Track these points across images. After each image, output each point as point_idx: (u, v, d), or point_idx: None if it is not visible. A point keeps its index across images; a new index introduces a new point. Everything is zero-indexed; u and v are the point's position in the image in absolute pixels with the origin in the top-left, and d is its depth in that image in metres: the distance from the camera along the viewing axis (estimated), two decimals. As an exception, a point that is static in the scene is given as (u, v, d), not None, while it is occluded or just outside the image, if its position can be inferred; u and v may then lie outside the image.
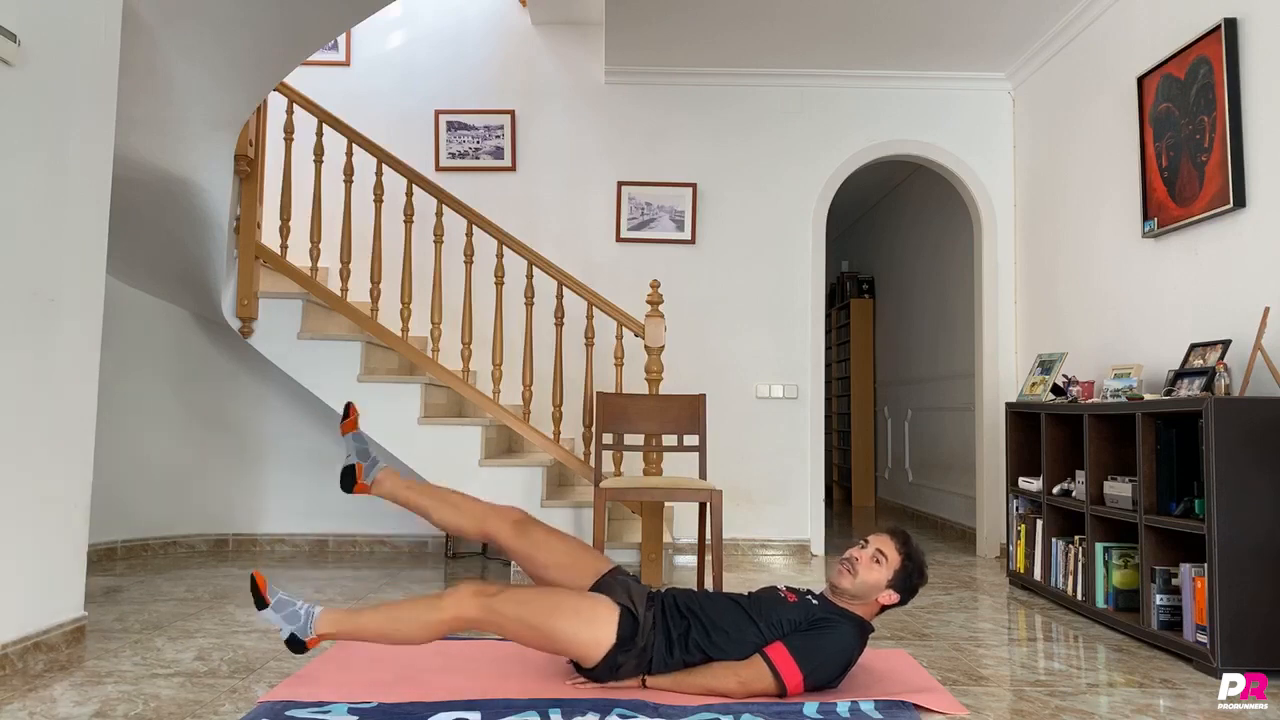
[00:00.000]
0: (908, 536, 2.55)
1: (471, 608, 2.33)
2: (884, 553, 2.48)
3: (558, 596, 2.41)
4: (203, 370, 4.86)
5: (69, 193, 2.76)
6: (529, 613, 2.33)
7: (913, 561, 2.49)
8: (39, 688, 2.41)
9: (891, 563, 2.48)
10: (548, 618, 2.33)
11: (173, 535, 4.77)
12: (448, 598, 2.37)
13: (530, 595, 2.40)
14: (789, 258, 5.33)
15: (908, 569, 2.48)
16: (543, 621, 2.33)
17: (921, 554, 2.53)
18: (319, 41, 3.68)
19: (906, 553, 2.50)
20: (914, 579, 2.49)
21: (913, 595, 2.52)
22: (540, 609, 2.35)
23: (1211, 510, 2.73)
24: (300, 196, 4.67)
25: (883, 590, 2.47)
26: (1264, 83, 3.21)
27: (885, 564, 2.47)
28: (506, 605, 2.34)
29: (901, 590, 2.48)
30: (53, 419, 2.71)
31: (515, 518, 2.70)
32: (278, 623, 2.38)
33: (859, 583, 2.46)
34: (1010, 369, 5.17)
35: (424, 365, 4.43)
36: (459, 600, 2.35)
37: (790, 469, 5.24)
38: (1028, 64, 5.03)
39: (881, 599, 2.47)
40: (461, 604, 2.34)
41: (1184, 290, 3.62)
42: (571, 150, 5.41)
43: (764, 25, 4.76)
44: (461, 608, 2.34)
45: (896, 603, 2.49)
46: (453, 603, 2.35)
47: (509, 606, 2.34)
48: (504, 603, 2.34)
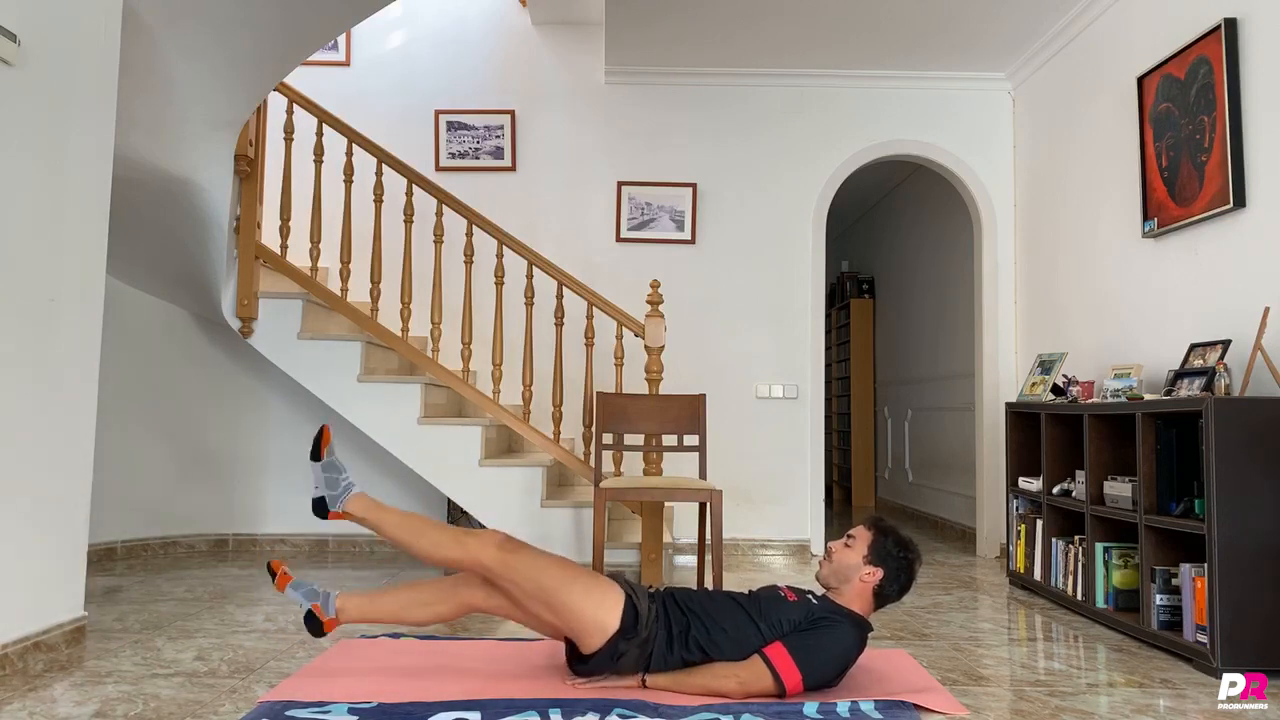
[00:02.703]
0: (880, 518, 2.58)
1: (491, 556, 2.37)
2: (854, 535, 2.53)
3: (574, 570, 2.43)
4: (203, 370, 4.86)
5: (69, 193, 2.76)
6: (545, 577, 2.36)
7: (885, 533, 2.50)
8: (39, 688, 2.41)
9: (863, 539, 2.50)
10: (560, 586, 2.35)
11: (173, 535, 4.77)
12: (473, 539, 2.42)
13: (548, 563, 2.42)
14: (789, 258, 5.33)
15: (880, 540, 2.49)
16: (555, 589, 2.35)
17: (896, 528, 2.54)
18: (319, 41, 3.68)
19: (879, 529, 2.52)
20: (890, 548, 2.47)
21: (900, 568, 2.47)
22: (555, 577, 2.37)
23: (1211, 510, 2.73)
24: (300, 196, 4.67)
25: (861, 568, 2.46)
26: (1264, 83, 3.21)
27: (856, 543, 2.50)
28: (523, 563, 2.37)
29: (881, 562, 2.46)
30: (53, 419, 2.71)
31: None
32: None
33: (835, 566, 2.49)
34: (1010, 369, 5.17)
35: (424, 365, 4.43)
36: (482, 544, 2.39)
37: (790, 469, 5.24)
38: (1028, 64, 5.03)
39: (865, 578, 2.46)
40: (484, 549, 2.38)
41: (1184, 290, 3.62)
42: (571, 150, 5.41)
43: (764, 25, 4.76)
44: (483, 552, 2.38)
45: (882, 579, 2.45)
46: (476, 545, 2.39)
47: (526, 566, 2.37)
48: (522, 561, 2.37)
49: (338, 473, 2.59)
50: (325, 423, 2.75)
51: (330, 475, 2.58)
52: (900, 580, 2.48)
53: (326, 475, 2.58)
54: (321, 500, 2.58)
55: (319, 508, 2.58)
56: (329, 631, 2.51)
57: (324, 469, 2.57)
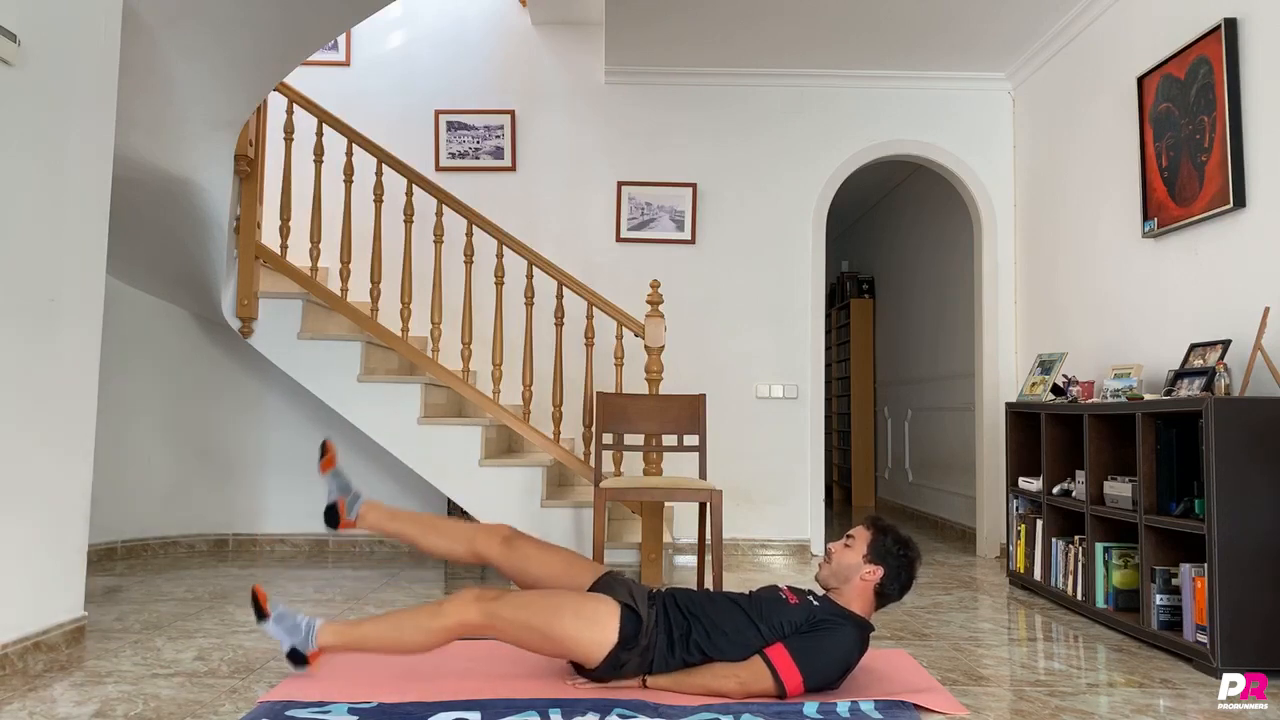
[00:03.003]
0: (879, 517, 2.58)
1: (474, 613, 2.35)
2: (853, 535, 2.53)
3: (559, 598, 2.41)
4: (203, 370, 4.86)
5: (69, 193, 2.76)
6: (531, 615, 2.34)
7: (884, 532, 2.50)
8: (39, 688, 2.41)
9: (862, 539, 2.50)
10: (550, 620, 2.34)
11: (173, 535, 4.77)
12: (449, 604, 2.39)
13: (531, 598, 2.41)
14: (789, 258, 5.33)
15: (879, 539, 2.49)
16: (545, 623, 2.34)
17: (895, 527, 2.54)
18: (319, 41, 3.68)
19: (878, 528, 2.52)
20: (889, 546, 2.47)
21: (900, 566, 2.46)
22: (542, 611, 2.36)
23: (1211, 510, 2.73)
24: (300, 196, 4.67)
25: (861, 568, 2.46)
26: (1264, 83, 3.21)
27: (856, 542, 2.50)
28: (508, 609, 2.35)
29: (881, 560, 2.46)
30: (52, 419, 2.71)
31: (504, 534, 2.70)
32: (279, 636, 2.44)
33: (835, 566, 2.49)
34: (1010, 369, 5.17)
35: (424, 365, 4.43)
36: (461, 606, 2.37)
37: (790, 469, 5.24)
38: (1028, 64, 5.03)
39: (865, 576, 2.45)
40: (464, 610, 2.36)
41: (1184, 290, 3.62)
42: (571, 150, 5.41)
43: (764, 25, 4.76)
44: (464, 614, 2.36)
45: (883, 577, 2.45)
46: (455, 609, 2.37)
47: (511, 611, 2.35)
48: (505, 607, 2.35)
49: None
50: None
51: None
52: (901, 578, 2.48)
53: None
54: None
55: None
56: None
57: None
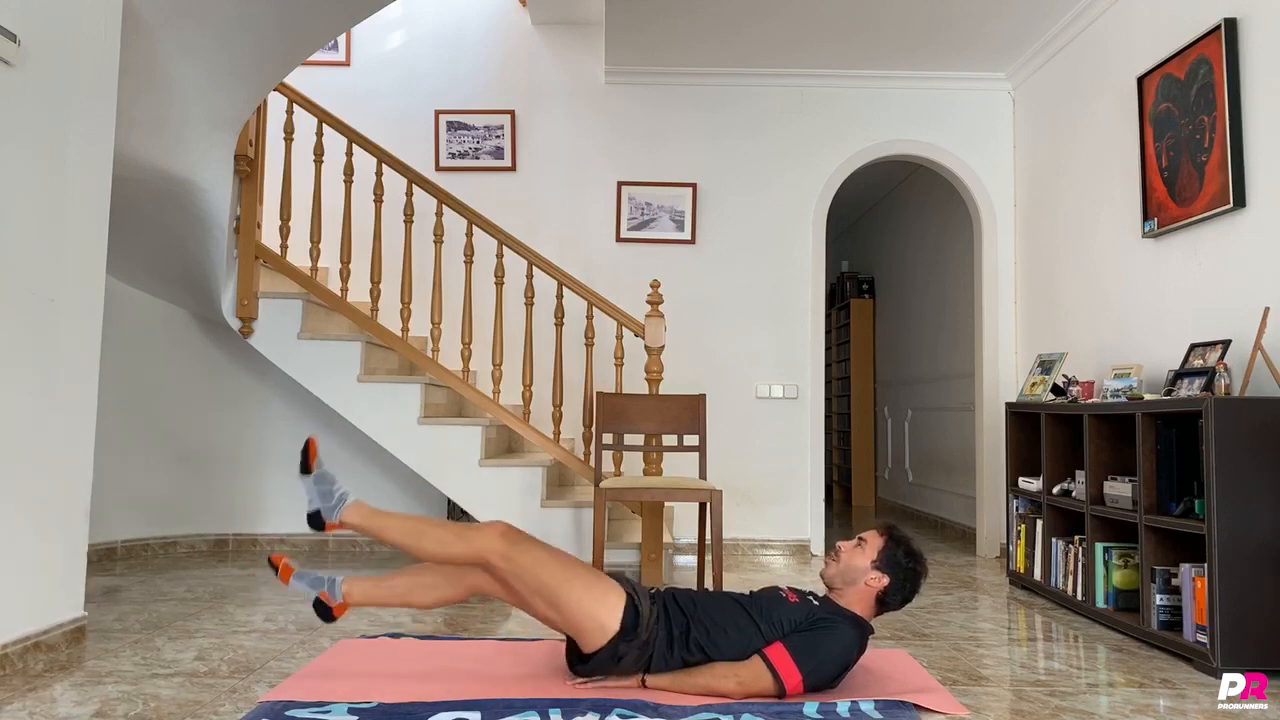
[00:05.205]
0: (895, 526, 2.56)
1: (496, 550, 2.36)
2: (865, 539, 2.51)
3: (576, 568, 2.42)
4: (202, 370, 4.86)
5: (69, 193, 2.76)
6: (546, 572, 2.35)
7: (897, 542, 2.49)
8: (39, 688, 2.41)
9: (874, 544, 2.49)
10: (562, 584, 2.34)
11: (173, 535, 4.77)
12: (476, 532, 2.41)
13: (551, 556, 2.42)
14: (789, 258, 5.33)
15: (891, 549, 2.47)
16: (557, 586, 2.34)
17: (909, 539, 2.52)
18: (319, 42, 3.68)
19: (891, 536, 2.50)
20: (900, 557, 2.46)
21: (906, 579, 2.46)
22: (557, 572, 2.37)
23: (1211, 510, 2.73)
24: (300, 196, 4.67)
25: (868, 573, 2.45)
26: (1264, 83, 3.21)
27: (867, 547, 2.49)
28: (527, 558, 2.36)
29: (889, 570, 2.45)
30: (52, 418, 2.71)
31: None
32: (309, 495, 2.51)
33: (842, 566, 2.48)
34: (1010, 369, 5.17)
35: (424, 365, 4.43)
36: (487, 538, 2.38)
37: (790, 469, 5.24)
38: (1028, 64, 5.03)
39: (870, 582, 2.45)
40: (489, 543, 2.37)
41: (1184, 290, 3.62)
42: (571, 150, 5.41)
43: (764, 25, 4.76)
44: (487, 547, 2.37)
45: (887, 586, 2.45)
46: (480, 538, 2.39)
47: (529, 560, 2.36)
48: (526, 554, 2.37)
49: (330, 484, 2.56)
50: (311, 435, 2.71)
51: (323, 488, 2.56)
52: (904, 590, 2.48)
53: (319, 488, 2.55)
54: (317, 513, 2.57)
55: (315, 521, 2.57)
56: (339, 616, 2.51)
57: (315, 481, 2.56)
